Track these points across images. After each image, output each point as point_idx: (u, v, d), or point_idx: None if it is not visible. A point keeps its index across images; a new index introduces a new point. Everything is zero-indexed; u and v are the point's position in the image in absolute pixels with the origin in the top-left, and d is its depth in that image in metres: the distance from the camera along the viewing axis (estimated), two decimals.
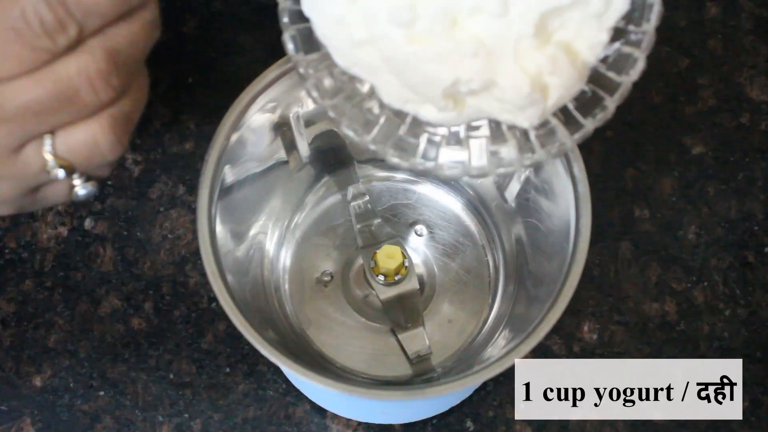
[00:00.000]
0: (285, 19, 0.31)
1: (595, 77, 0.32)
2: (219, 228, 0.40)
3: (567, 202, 0.40)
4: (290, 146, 0.47)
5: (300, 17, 0.31)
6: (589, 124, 0.33)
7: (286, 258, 0.51)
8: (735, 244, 0.55)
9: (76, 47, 0.27)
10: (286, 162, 0.48)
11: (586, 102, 0.32)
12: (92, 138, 0.29)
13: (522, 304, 0.47)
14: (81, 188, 0.31)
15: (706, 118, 0.58)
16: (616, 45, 0.31)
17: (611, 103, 0.32)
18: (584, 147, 0.40)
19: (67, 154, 0.29)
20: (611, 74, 0.32)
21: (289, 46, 0.31)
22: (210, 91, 0.58)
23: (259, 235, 0.49)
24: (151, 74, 0.60)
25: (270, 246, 0.50)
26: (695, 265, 0.54)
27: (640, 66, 0.31)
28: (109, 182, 0.56)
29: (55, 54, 0.27)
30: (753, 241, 0.55)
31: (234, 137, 0.41)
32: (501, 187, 0.49)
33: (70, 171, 0.30)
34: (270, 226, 0.50)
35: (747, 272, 0.54)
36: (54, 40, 0.27)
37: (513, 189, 0.48)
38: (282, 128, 0.45)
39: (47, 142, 0.29)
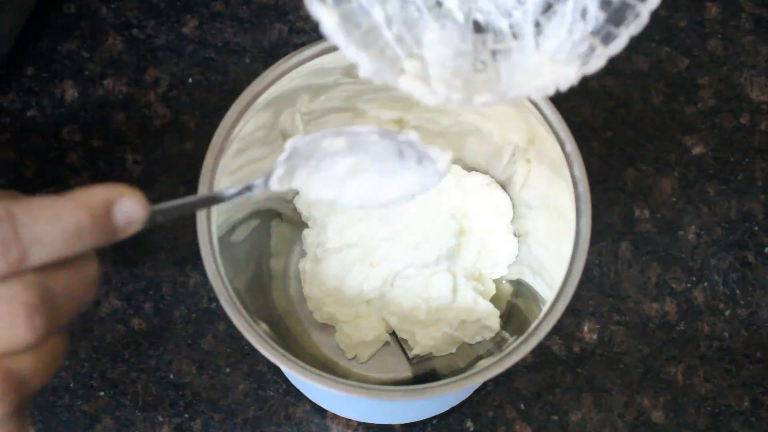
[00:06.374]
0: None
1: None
2: (219, 228, 0.40)
3: (567, 202, 0.40)
4: None
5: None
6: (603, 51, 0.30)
7: (286, 257, 0.51)
8: (735, 244, 0.55)
9: (10, 277, 0.24)
10: None
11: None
12: None
13: (522, 304, 0.47)
14: None
15: (706, 118, 0.58)
16: None
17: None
18: (584, 147, 0.40)
19: None
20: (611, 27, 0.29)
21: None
22: (210, 91, 0.58)
23: (259, 234, 0.49)
24: (151, 74, 0.59)
25: (270, 245, 0.50)
26: (695, 265, 0.54)
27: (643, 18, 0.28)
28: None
29: None
30: (753, 241, 0.55)
31: (234, 137, 0.41)
32: (505, 186, 0.49)
33: None
34: (270, 225, 0.50)
35: (747, 272, 0.54)
36: None
37: (514, 188, 0.48)
38: (282, 128, 0.45)
39: None
